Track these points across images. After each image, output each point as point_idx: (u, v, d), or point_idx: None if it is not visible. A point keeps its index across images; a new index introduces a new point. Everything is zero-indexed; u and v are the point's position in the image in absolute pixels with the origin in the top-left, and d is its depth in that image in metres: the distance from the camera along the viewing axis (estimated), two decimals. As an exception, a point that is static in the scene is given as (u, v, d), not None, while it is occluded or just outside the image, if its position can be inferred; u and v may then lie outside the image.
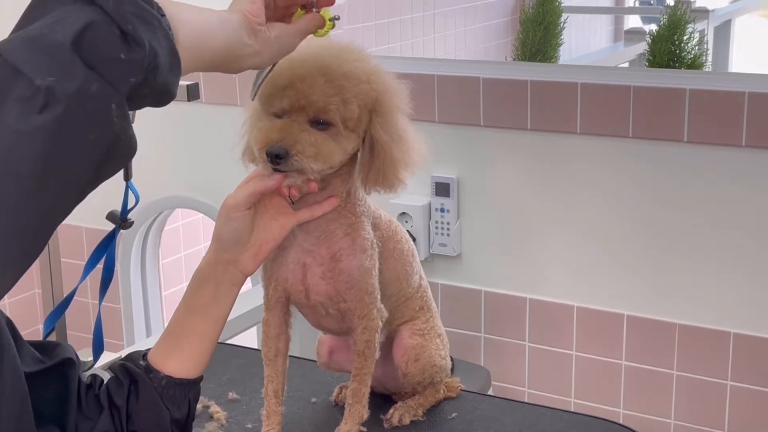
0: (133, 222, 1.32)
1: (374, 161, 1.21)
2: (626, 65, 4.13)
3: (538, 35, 3.90)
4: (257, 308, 1.77)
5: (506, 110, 2.41)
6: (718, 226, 2.25)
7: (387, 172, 1.22)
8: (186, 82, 2.02)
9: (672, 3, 3.52)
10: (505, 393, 2.49)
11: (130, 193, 1.28)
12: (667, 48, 3.40)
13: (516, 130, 2.42)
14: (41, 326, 2.92)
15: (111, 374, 1.17)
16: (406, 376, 1.40)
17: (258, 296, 1.38)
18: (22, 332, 1.07)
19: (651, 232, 2.33)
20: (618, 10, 5.37)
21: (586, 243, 2.40)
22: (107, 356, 1.65)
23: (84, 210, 1.02)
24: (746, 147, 2.17)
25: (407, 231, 1.42)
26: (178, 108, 2.57)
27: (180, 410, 1.16)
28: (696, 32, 3.50)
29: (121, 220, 1.30)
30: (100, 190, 0.87)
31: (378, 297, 1.31)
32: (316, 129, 1.16)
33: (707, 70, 3.53)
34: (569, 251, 2.42)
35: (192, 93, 2.02)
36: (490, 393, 2.32)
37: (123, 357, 1.21)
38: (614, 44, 5.04)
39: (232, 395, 1.51)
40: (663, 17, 3.46)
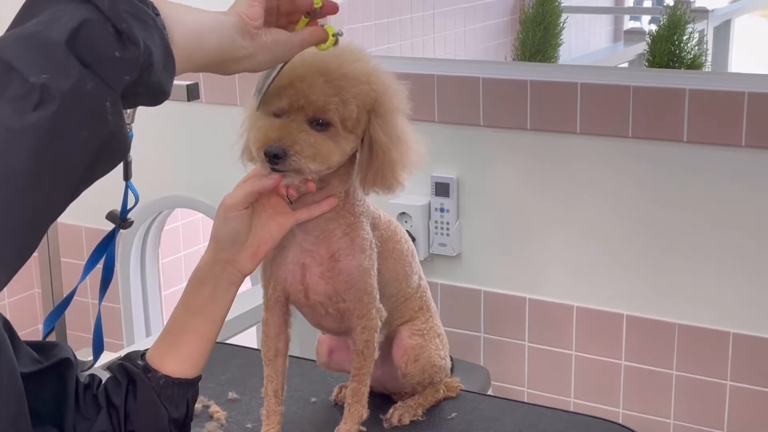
0: (133, 222, 1.32)
1: (373, 162, 1.21)
2: (626, 65, 4.13)
3: (538, 35, 3.90)
4: (257, 308, 1.78)
5: (506, 110, 2.41)
6: (718, 226, 2.25)
7: (385, 173, 1.22)
8: (186, 82, 2.02)
9: (672, 3, 3.52)
10: (505, 393, 2.49)
11: (130, 193, 1.28)
12: (667, 48, 3.39)
13: (516, 130, 2.41)
14: (41, 326, 2.93)
15: (109, 374, 1.17)
16: (406, 376, 1.40)
17: (257, 296, 1.38)
18: (22, 332, 1.07)
19: (651, 232, 2.33)
20: (618, 10, 5.36)
21: (586, 243, 2.40)
22: (107, 356, 1.64)
23: (84, 210, 1.02)
24: (746, 147, 2.17)
25: (407, 231, 1.42)
26: (178, 108, 2.57)
27: (178, 410, 1.16)
28: (696, 32, 3.49)
29: (121, 220, 1.29)
30: (100, 190, 0.87)
31: (377, 297, 1.31)
32: (315, 129, 1.16)
33: (707, 70, 3.52)
34: (569, 251, 2.42)
35: (192, 93, 2.02)
36: (490, 393, 2.31)
37: (121, 357, 1.21)
38: (614, 44, 5.03)
39: (232, 395, 1.51)
40: (663, 17, 3.46)
